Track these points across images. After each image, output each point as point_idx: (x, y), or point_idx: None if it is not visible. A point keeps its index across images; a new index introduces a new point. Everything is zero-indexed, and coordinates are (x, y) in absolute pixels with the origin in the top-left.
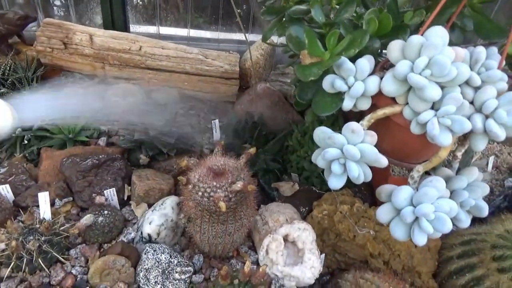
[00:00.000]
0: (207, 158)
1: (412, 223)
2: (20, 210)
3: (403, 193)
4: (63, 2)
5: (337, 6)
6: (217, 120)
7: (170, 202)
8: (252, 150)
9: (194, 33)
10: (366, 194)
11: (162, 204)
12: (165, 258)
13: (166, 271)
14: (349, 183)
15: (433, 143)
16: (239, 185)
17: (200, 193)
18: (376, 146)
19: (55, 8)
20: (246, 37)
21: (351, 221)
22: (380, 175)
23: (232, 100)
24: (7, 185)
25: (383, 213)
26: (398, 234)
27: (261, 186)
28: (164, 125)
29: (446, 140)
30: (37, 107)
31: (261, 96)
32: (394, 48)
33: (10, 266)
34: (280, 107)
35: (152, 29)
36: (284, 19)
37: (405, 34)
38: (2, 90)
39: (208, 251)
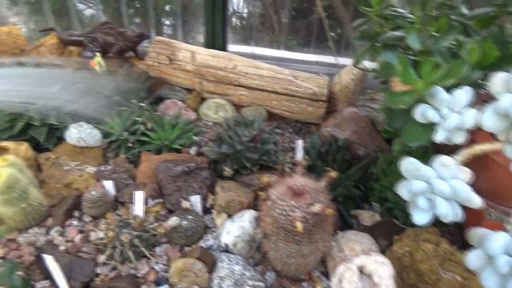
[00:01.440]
0: (288, 177)
1: (509, 275)
2: (119, 204)
3: (499, 239)
4: (172, 22)
5: (435, 33)
6: (301, 141)
7: (248, 215)
8: (334, 174)
9: (287, 54)
10: (455, 235)
11: (240, 216)
12: (238, 269)
13: (239, 283)
14: (436, 221)
15: None
16: (317, 207)
17: (278, 211)
18: (470, 184)
19: (165, 27)
20: (337, 60)
21: (435, 262)
22: (472, 216)
23: (317, 122)
24: (111, 182)
25: (474, 259)
26: (491, 285)
27: (339, 211)
28: (250, 140)
29: None
30: None
31: (348, 121)
32: (498, 80)
33: (105, 254)
34: (366, 133)
35: (247, 48)
36: (377, 44)
37: (510, 66)
38: (116, 98)
39: (281, 269)
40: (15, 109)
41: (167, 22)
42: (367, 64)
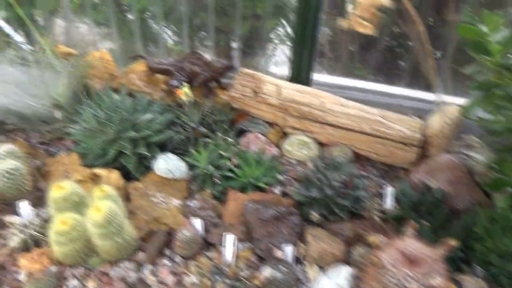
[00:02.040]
0: (398, 238)
1: None
2: (208, 245)
3: None
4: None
5: None
6: (390, 187)
7: (345, 273)
8: (454, 242)
9: (374, 86)
10: None
11: (336, 272)
12: None
13: None
14: None
15: None
16: (438, 280)
17: (390, 279)
18: None
19: (250, 59)
20: (438, 97)
21: None
22: None
23: (407, 167)
24: (200, 220)
25: None
26: None
27: None
28: (341, 185)
29: None
30: None
31: (443, 169)
32: None
33: None
34: (463, 184)
35: (328, 78)
36: (493, 94)
37: None
38: (201, 129)
39: None
40: (108, 136)
41: (242, 48)
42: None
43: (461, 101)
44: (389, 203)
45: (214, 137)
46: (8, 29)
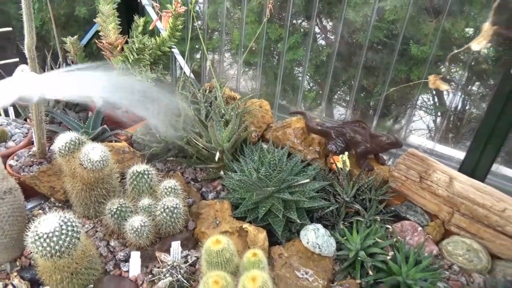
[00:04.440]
0: None
1: None
2: None
3: None
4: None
5: None
6: None
7: None
8: None
9: None
10: None
11: None
12: None
13: None
14: None
15: None
16: None
17: None
18: None
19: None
20: None
21: None
22: None
23: None
24: None
25: None
26: None
27: None
28: None
29: None
30: None
31: None
32: None
33: None
34: None
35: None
36: None
37: None
38: (354, 204)
39: None
40: (265, 193)
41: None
42: None
43: None
44: None
45: (366, 217)
46: (186, 67)
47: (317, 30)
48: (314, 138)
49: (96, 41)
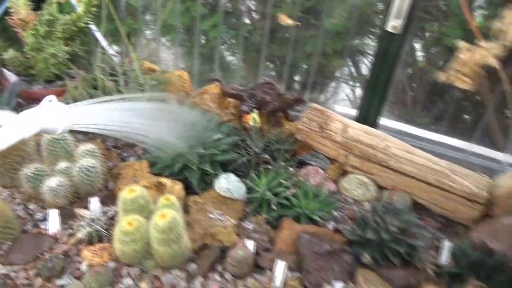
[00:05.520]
0: None
1: None
2: (256, 268)
3: None
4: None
5: None
6: (448, 242)
7: None
8: None
9: (442, 138)
10: None
11: None
12: None
13: None
14: None
15: None
16: None
17: None
18: None
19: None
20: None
21: None
22: None
23: (467, 224)
24: (253, 242)
25: None
26: None
27: None
28: (398, 231)
29: None
30: None
31: (508, 232)
32: None
33: None
34: None
35: (400, 126)
36: None
37: None
38: (263, 155)
39: None
40: (179, 150)
41: (305, 83)
42: None
43: None
44: (444, 258)
45: (275, 165)
46: (104, 42)
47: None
48: (230, 102)
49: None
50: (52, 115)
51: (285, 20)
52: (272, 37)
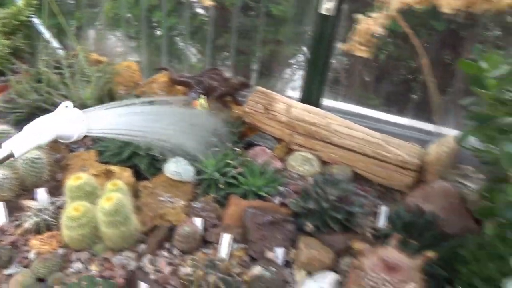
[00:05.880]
0: (381, 247)
1: None
2: (205, 243)
3: None
4: (273, 75)
5: None
6: (385, 207)
7: (330, 278)
8: (431, 254)
9: (383, 116)
10: None
11: (322, 277)
12: None
13: None
14: None
15: None
16: (411, 287)
17: (368, 282)
18: None
19: (267, 81)
20: (437, 129)
21: None
22: None
23: (403, 190)
24: (201, 219)
25: None
26: None
27: None
28: (337, 200)
29: None
30: None
31: (438, 195)
32: None
33: None
34: (456, 210)
35: (339, 104)
36: (486, 125)
37: None
38: (212, 139)
39: None
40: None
41: (260, 70)
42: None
43: None
44: (382, 222)
45: (223, 147)
46: (47, 35)
47: None
48: (179, 89)
49: None
50: (67, 121)
51: (205, 1)
52: (225, 27)
